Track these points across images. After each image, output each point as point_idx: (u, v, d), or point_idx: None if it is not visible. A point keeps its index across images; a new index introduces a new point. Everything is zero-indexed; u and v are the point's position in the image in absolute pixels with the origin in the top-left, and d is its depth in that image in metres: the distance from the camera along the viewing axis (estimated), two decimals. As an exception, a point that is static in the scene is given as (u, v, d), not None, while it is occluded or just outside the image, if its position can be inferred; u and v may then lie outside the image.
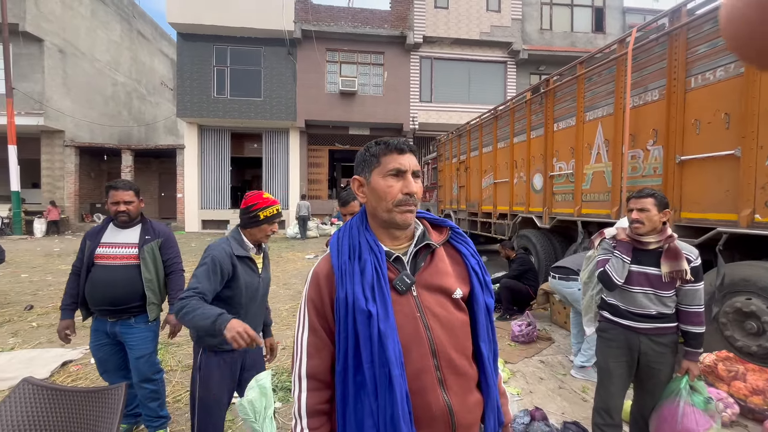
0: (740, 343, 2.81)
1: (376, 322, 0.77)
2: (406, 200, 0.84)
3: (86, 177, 15.05)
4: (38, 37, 12.80)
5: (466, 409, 0.82)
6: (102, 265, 2.12)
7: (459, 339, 0.85)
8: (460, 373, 0.83)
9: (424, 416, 0.79)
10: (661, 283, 1.75)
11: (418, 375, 0.79)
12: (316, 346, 0.84)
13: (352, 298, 0.80)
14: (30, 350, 3.53)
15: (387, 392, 0.76)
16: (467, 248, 0.93)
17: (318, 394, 0.84)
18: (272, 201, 1.80)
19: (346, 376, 0.80)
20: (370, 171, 0.88)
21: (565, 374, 3.15)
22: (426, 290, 0.85)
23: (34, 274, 6.97)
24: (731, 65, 2.90)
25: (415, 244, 0.88)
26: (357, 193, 0.91)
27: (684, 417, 1.67)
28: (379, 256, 0.83)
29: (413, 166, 0.87)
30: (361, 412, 0.79)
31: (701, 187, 3.15)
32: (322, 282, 0.86)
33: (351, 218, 1.91)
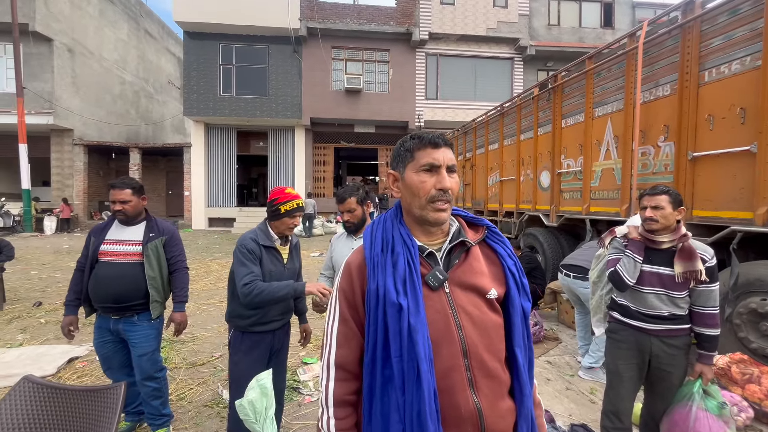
0: (755, 344, 2.73)
1: (406, 316, 0.76)
2: (440, 196, 0.82)
3: (95, 175, 15.23)
4: (48, 36, 12.95)
5: (497, 414, 0.79)
6: (106, 262, 2.12)
7: (492, 341, 0.82)
8: (492, 375, 0.80)
9: (452, 416, 0.76)
10: (673, 283, 1.69)
11: (447, 373, 0.77)
12: (346, 336, 0.84)
13: (383, 290, 0.78)
14: (38, 347, 3.56)
15: (415, 387, 0.74)
16: (504, 249, 0.90)
17: (345, 385, 0.83)
18: (293, 196, 1.90)
19: (374, 368, 0.79)
20: (404, 166, 0.86)
21: (572, 375, 3.10)
22: (459, 288, 0.83)
23: (44, 271, 7.07)
24: (747, 58, 2.81)
25: (449, 241, 0.86)
26: (392, 188, 0.90)
27: (696, 422, 1.61)
28: (413, 250, 0.82)
29: (448, 160, 0.84)
30: (387, 405, 0.77)
31: (714, 185, 3.06)
32: (354, 273, 0.85)
33: (347, 215, 1.91)
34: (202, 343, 3.71)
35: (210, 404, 2.61)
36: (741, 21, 2.84)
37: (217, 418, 2.45)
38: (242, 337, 1.85)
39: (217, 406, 2.58)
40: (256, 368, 1.75)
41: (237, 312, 1.86)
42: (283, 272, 1.89)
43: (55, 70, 13.22)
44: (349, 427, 0.83)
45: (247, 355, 1.84)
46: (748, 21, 2.79)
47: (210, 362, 3.28)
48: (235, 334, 1.88)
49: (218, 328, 4.11)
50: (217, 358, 3.35)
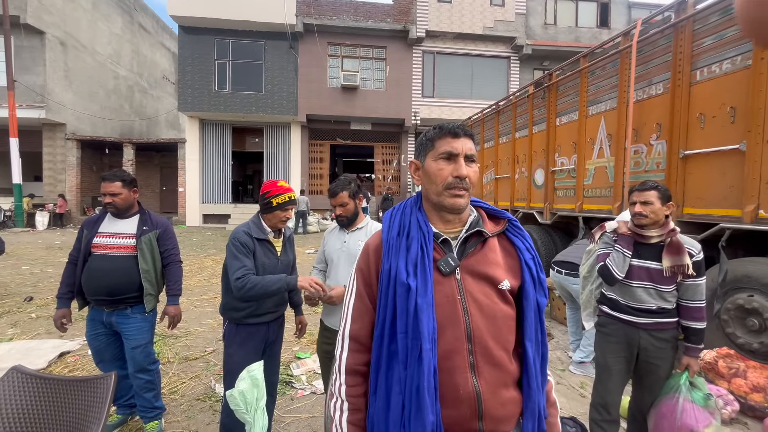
0: (741, 340, 2.78)
1: (414, 296, 0.79)
2: (456, 183, 0.84)
3: (88, 170, 15.08)
4: (39, 29, 12.77)
5: (497, 402, 0.80)
6: (99, 255, 2.11)
7: (500, 330, 0.83)
8: (496, 363, 0.82)
9: (451, 396, 0.79)
10: (661, 277, 1.72)
11: (449, 355, 0.80)
12: (360, 311, 0.89)
13: (395, 271, 0.83)
14: (28, 341, 3.53)
15: (416, 363, 0.77)
16: (524, 243, 0.91)
17: (357, 356, 0.88)
18: (285, 189, 1.91)
19: (381, 342, 0.83)
20: (425, 154, 0.90)
21: (563, 370, 3.13)
22: (470, 276, 0.85)
23: (35, 266, 7.00)
24: (738, 57, 2.84)
25: (466, 230, 0.88)
26: (413, 176, 0.94)
27: (683, 413, 1.64)
28: (427, 236, 0.85)
29: (467, 150, 0.86)
30: (391, 378, 0.82)
31: (705, 183, 3.11)
32: (371, 254, 0.90)
33: (339, 209, 1.92)
34: (195, 338, 3.71)
35: (202, 398, 2.61)
36: (732, 21, 2.88)
37: (209, 411, 2.45)
38: (236, 329, 1.86)
39: (210, 399, 2.58)
40: (250, 360, 1.75)
41: (231, 304, 1.86)
42: (276, 265, 1.89)
43: (48, 64, 13.04)
44: (358, 394, 0.87)
45: (241, 347, 1.84)
46: (739, 21, 2.82)
47: (203, 357, 3.27)
48: (230, 326, 1.89)
49: (211, 323, 4.10)
50: (210, 352, 3.35)
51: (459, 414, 0.79)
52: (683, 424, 1.62)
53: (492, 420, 0.80)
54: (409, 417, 0.77)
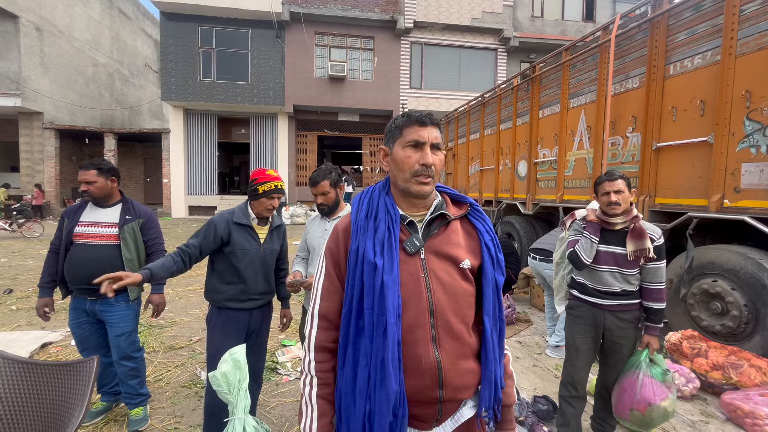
0: (705, 322, 2.94)
1: (380, 274, 0.84)
2: (423, 171, 0.88)
3: (68, 161, 14.65)
4: (12, 13, 12.23)
5: (456, 372, 0.87)
6: (81, 244, 2.11)
7: (460, 305, 0.89)
8: (456, 336, 0.88)
9: (414, 367, 0.85)
10: (626, 261, 1.82)
11: (412, 329, 0.85)
12: (329, 290, 0.93)
13: (363, 250, 0.87)
14: (9, 333, 3.49)
15: (381, 337, 0.82)
16: (483, 225, 0.97)
17: (326, 333, 0.92)
18: (273, 177, 1.92)
19: (349, 319, 0.88)
20: (393, 142, 0.94)
21: (540, 353, 3.27)
22: (434, 255, 0.90)
23: (14, 258, 6.84)
24: (708, 53, 2.96)
25: (431, 213, 0.93)
26: (382, 162, 0.98)
27: (642, 387, 1.76)
28: (394, 218, 0.90)
29: (433, 138, 0.90)
30: (358, 352, 0.86)
31: (675, 174, 3.24)
32: (341, 234, 0.94)
33: (320, 197, 1.96)
34: (180, 327, 3.72)
35: (188, 385, 2.65)
36: (704, 17, 2.98)
37: (195, 397, 2.49)
38: (218, 313, 1.89)
39: (195, 386, 2.62)
40: (232, 345, 1.78)
41: (213, 286, 1.89)
42: (258, 250, 1.92)
43: (22, 50, 12.53)
44: (327, 369, 0.92)
45: (223, 332, 1.87)
46: (710, 17, 2.93)
47: (188, 345, 3.30)
48: (212, 309, 1.92)
49: (197, 313, 4.11)
50: (196, 341, 3.37)
51: (421, 383, 0.85)
52: (642, 398, 1.74)
53: (451, 388, 0.86)
54: (374, 387, 0.82)
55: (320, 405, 0.90)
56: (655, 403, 1.73)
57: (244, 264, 1.87)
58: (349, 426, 0.85)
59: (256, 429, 1.50)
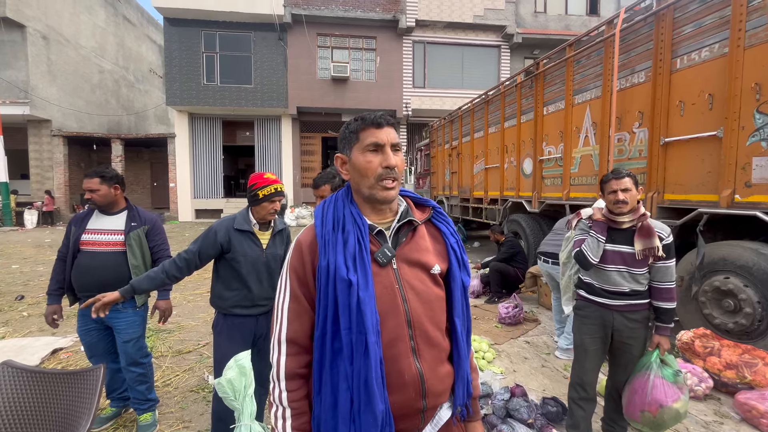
0: (718, 320, 2.88)
1: (356, 291, 0.80)
2: (387, 174, 0.85)
3: (76, 167, 14.84)
4: (20, 23, 12.42)
5: (437, 378, 0.86)
6: (88, 251, 2.13)
7: (435, 312, 0.88)
8: (434, 344, 0.87)
9: (397, 382, 0.82)
10: (634, 260, 1.78)
11: (393, 343, 0.83)
12: (297, 312, 0.87)
13: (334, 266, 0.82)
14: (20, 339, 3.54)
15: (363, 357, 0.79)
16: (447, 227, 0.96)
17: (297, 359, 0.87)
18: (272, 180, 1.91)
19: (324, 341, 0.83)
20: (350, 148, 0.89)
21: (548, 353, 3.23)
22: (406, 264, 0.88)
23: (25, 265, 6.95)
24: (716, 45, 2.90)
25: (398, 220, 0.90)
26: (341, 170, 0.92)
27: (654, 389, 1.72)
28: (363, 228, 0.86)
29: (392, 139, 0.87)
30: (336, 375, 0.82)
31: (684, 169, 3.18)
32: (305, 251, 0.88)
33: (320, 200, 1.95)
34: (188, 332, 3.74)
35: (196, 389, 2.66)
36: (710, 8, 2.92)
37: (202, 402, 2.50)
38: (224, 320, 1.89)
39: (203, 391, 2.63)
40: (238, 351, 1.79)
41: (217, 293, 1.89)
42: (260, 256, 1.91)
43: (30, 58, 12.72)
44: (301, 397, 0.87)
45: (229, 338, 1.87)
46: (717, 8, 2.87)
47: (196, 350, 3.32)
48: (218, 316, 1.92)
49: (205, 317, 4.13)
50: (204, 345, 3.39)
51: (406, 397, 0.83)
52: (653, 399, 1.70)
53: (433, 395, 0.86)
54: (359, 411, 0.79)
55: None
56: (667, 404, 1.69)
57: (247, 270, 1.86)
58: None
59: (263, 435, 1.49)
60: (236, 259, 1.85)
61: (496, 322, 3.99)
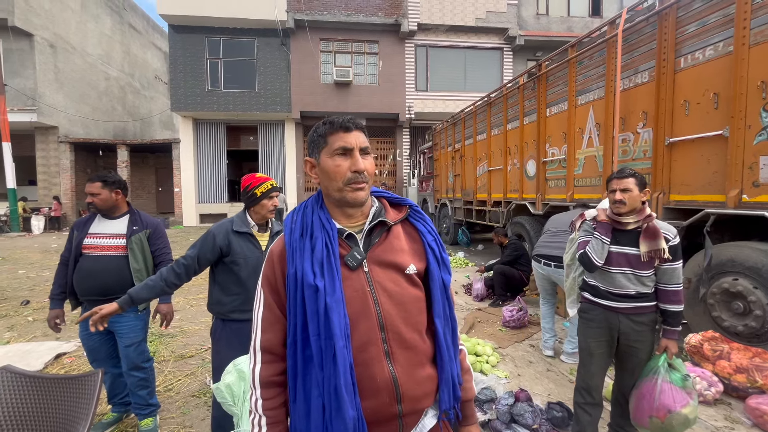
0: (727, 323, 2.83)
1: (323, 296, 0.79)
2: (356, 178, 0.84)
3: (82, 173, 14.99)
4: (28, 32, 12.62)
5: (413, 382, 0.83)
6: (90, 255, 2.14)
7: (410, 313, 0.86)
8: (409, 346, 0.84)
9: (369, 387, 0.81)
10: (639, 262, 1.75)
11: (364, 347, 0.81)
12: (270, 320, 0.87)
13: (301, 273, 0.81)
14: (25, 344, 3.56)
15: (332, 364, 0.78)
16: (425, 226, 0.94)
17: (271, 367, 0.87)
18: (265, 178, 1.93)
19: (296, 349, 0.83)
20: (319, 152, 0.88)
21: (553, 357, 3.18)
22: (378, 266, 0.86)
23: (32, 270, 7.00)
24: (720, 44, 2.87)
25: (369, 222, 0.89)
26: (310, 174, 0.92)
27: (661, 394, 1.68)
28: (331, 233, 0.85)
29: (361, 143, 0.86)
30: (309, 382, 0.81)
31: (690, 169, 3.14)
32: (276, 260, 0.88)
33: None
34: (191, 336, 3.74)
35: (198, 394, 2.65)
36: (714, 7, 2.89)
37: (204, 407, 2.49)
38: (223, 325, 1.88)
39: (205, 396, 2.62)
40: (237, 356, 1.78)
41: (215, 298, 1.88)
42: (260, 258, 1.90)
43: (37, 66, 12.92)
44: (277, 405, 0.87)
45: (228, 344, 1.86)
46: (721, 7, 2.84)
47: (198, 354, 3.31)
48: (217, 322, 1.91)
49: (207, 321, 4.12)
50: (206, 350, 3.38)
51: (379, 402, 0.81)
52: (661, 404, 1.66)
53: (410, 400, 0.83)
54: (330, 418, 0.78)
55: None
56: (676, 410, 1.65)
57: (247, 273, 1.85)
58: None
59: (262, 441, 1.47)
60: (236, 262, 1.83)
61: (500, 325, 3.95)
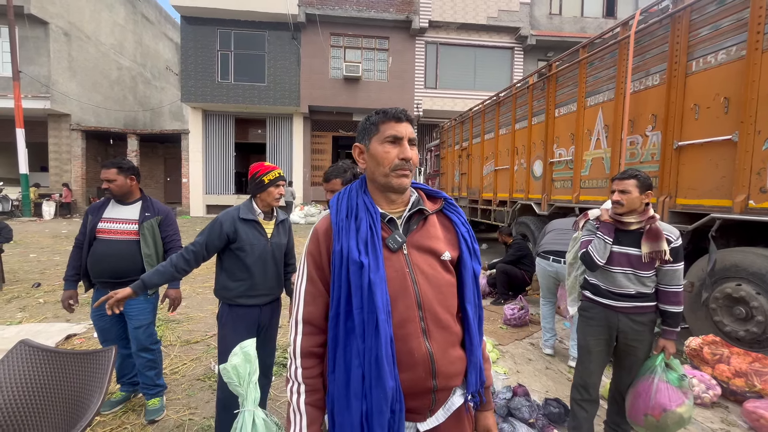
0: (728, 328, 2.83)
1: (367, 273, 0.84)
2: (402, 165, 0.90)
3: (93, 161, 15.20)
4: (43, 20, 12.79)
5: (447, 360, 0.89)
6: (103, 239, 2.21)
7: (445, 296, 0.92)
8: (444, 326, 0.90)
9: (407, 361, 0.86)
10: (640, 263, 1.77)
11: (403, 324, 0.86)
12: (313, 294, 0.93)
13: (347, 250, 0.87)
14: (36, 324, 3.66)
15: (373, 335, 0.83)
16: (458, 217, 1.00)
17: (312, 338, 0.93)
18: (273, 166, 1.98)
19: (338, 321, 0.88)
20: (369, 138, 0.94)
21: (553, 355, 3.21)
22: (416, 250, 0.92)
23: (42, 254, 7.15)
24: (733, 48, 2.85)
25: (409, 209, 0.94)
26: (357, 159, 0.98)
27: (657, 393, 1.71)
28: (375, 216, 0.91)
29: (409, 134, 0.92)
30: (349, 353, 0.86)
31: (698, 173, 3.13)
32: (321, 237, 0.94)
33: (330, 194, 1.96)
34: (196, 323, 3.82)
35: (202, 378, 2.72)
36: (728, 11, 2.87)
37: (208, 390, 2.56)
38: (229, 310, 1.92)
39: (209, 379, 2.69)
40: (242, 341, 1.82)
41: (222, 284, 1.93)
42: (266, 245, 1.95)
43: (52, 54, 13.09)
44: (315, 375, 0.92)
45: (234, 329, 1.90)
46: (735, 11, 2.82)
47: (204, 340, 3.38)
48: (223, 306, 1.95)
49: (212, 309, 4.21)
50: (211, 336, 3.46)
51: (415, 376, 0.86)
52: (657, 403, 1.69)
53: (444, 377, 0.88)
54: (370, 386, 0.82)
55: (309, 412, 0.90)
56: (671, 408, 1.67)
57: (252, 259, 1.89)
58: (344, 430, 0.85)
59: (266, 421, 1.53)
60: (242, 249, 1.88)
61: (502, 323, 3.98)
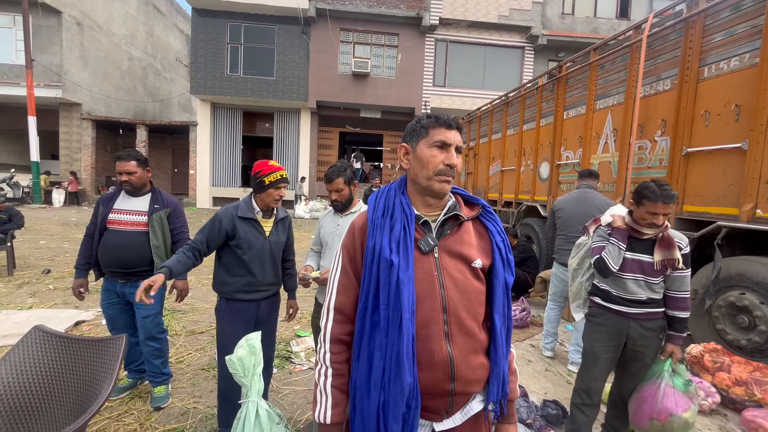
0: (730, 336, 2.83)
1: (396, 271, 0.87)
2: (446, 171, 0.92)
3: (102, 150, 15.37)
4: (56, 9, 12.91)
5: (468, 366, 0.90)
6: (114, 230, 2.25)
7: (472, 303, 0.93)
8: (467, 332, 0.91)
9: (427, 361, 0.88)
10: (652, 270, 1.78)
11: (426, 324, 0.88)
12: (345, 285, 0.96)
13: (379, 248, 0.90)
14: (46, 310, 3.74)
15: (396, 332, 0.85)
16: (495, 226, 1.00)
17: (341, 326, 0.96)
18: (277, 167, 1.94)
19: (365, 313, 0.91)
20: (417, 140, 0.96)
21: (553, 358, 3.22)
22: (447, 255, 0.93)
23: (52, 241, 7.28)
24: (747, 55, 2.82)
25: (444, 213, 0.96)
26: (402, 159, 1.00)
27: (664, 397, 1.72)
28: (410, 217, 0.93)
29: (458, 141, 0.95)
30: (373, 345, 0.89)
31: (705, 180, 3.11)
32: (357, 232, 0.97)
33: (334, 194, 1.98)
34: (201, 314, 3.88)
35: (207, 368, 2.77)
36: (743, 17, 2.84)
37: (213, 380, 2.61)
38: (227, 305, 1.93)
39: (213, 369, 2.74)
40: (240, 335, 1.79)
41: (220, 279, 1.94)
42: (264, 243, 1.95)
43: (64, 44, 13.22)
44: (342, 360, 0.96)
45: (231, 323, 1.91)
46: (750, 17, 2.79)
47: (208, 331, 3.44)
48: (221, 301, 1.96)
49: (216, 300, 4.27)
50: (215, 327, 3.51)
51: (434, 376, 0.88)
52: (663, 408, 1.70)
53: (463, 382, 0.90)
54: (389, 379, 0.85)
55: (334, 395, 0.93)
56: (677, 413, 1.69)
57: (250, 257, 1.90)
58: (363, 415, 0.88)
59: (269, 412, 1.57)
60: (240, 246, 1.89)
61: (503, 324, 3.98)
